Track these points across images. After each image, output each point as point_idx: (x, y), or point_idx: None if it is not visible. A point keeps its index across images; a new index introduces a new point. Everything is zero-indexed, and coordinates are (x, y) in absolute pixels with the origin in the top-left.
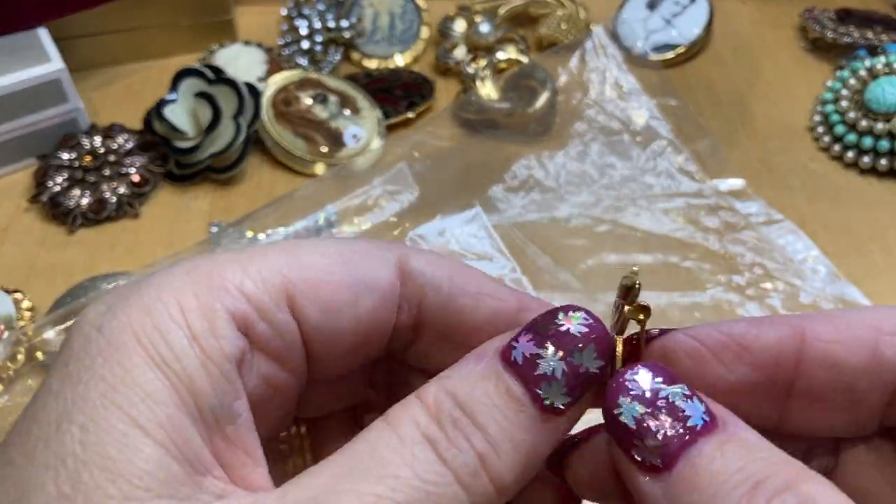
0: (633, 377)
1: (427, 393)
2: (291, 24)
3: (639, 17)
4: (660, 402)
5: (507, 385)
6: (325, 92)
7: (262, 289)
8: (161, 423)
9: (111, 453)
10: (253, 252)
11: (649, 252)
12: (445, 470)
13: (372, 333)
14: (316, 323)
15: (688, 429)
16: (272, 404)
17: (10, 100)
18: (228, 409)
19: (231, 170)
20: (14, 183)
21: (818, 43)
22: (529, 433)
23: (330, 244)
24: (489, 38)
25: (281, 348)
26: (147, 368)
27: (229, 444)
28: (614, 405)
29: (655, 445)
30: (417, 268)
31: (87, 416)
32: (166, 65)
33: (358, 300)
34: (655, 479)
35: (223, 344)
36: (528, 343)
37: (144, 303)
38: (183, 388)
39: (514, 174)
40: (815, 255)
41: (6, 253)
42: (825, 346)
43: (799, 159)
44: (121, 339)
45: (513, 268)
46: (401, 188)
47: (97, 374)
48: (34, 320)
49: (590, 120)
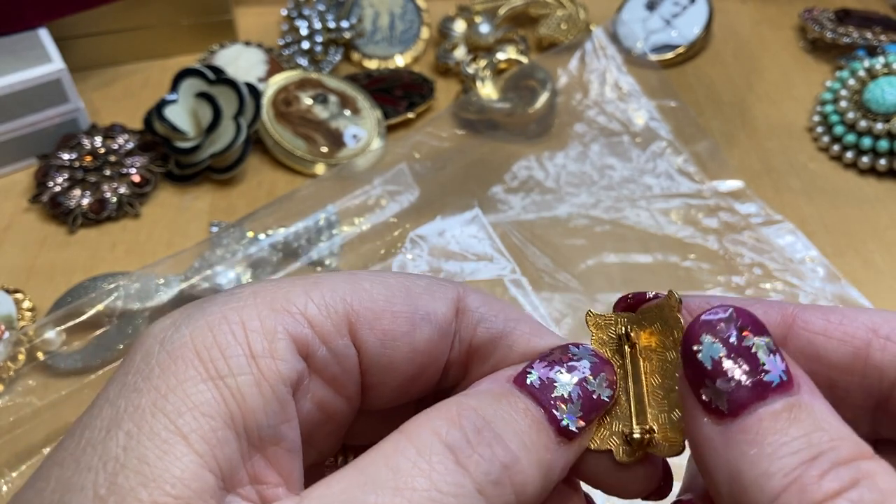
0: (720, 316)
1: (447, 405)
2: (292, 25)
3: (638, 18)
4: (742, 349)
5: (525, 405)
6: (326, 92)
7: (326, 314)
8: (204, 435)
9: (150, 459)
10: (318, 278)
11: (649, 252)
12: (465, 479)
13: (427, 365)
14: (374, 351)
15: (763, 383)
16: (323, 430)
17: (10, 100)
18: (275, 431)
19: (231, 170)
20: (14, 183)
21: (817, 43)
22: (549, 452)
23: (391, 276)
24: (489, 39)
25: (338, 374)
26: (200, 381)
27: (268, 465)
28: (695, 341)
29: (726, 390)
30: (473, 305)
31: (135, 423)
32: (166, 65)
33: (416, 331)
34: (717, 424)
35: (280, 366)
36: (544, 369)
37: (208, 319)
38: (234, 404)
39: (514, 175)
40: (814, 255)
41: (7, 253)
42: (811, 336)
43: (798, 159)
44: (180, 352)
45: (512, 268)
46: (401, 188)
47: (152, 384)
48: (35, 320)
49: (589, 121)
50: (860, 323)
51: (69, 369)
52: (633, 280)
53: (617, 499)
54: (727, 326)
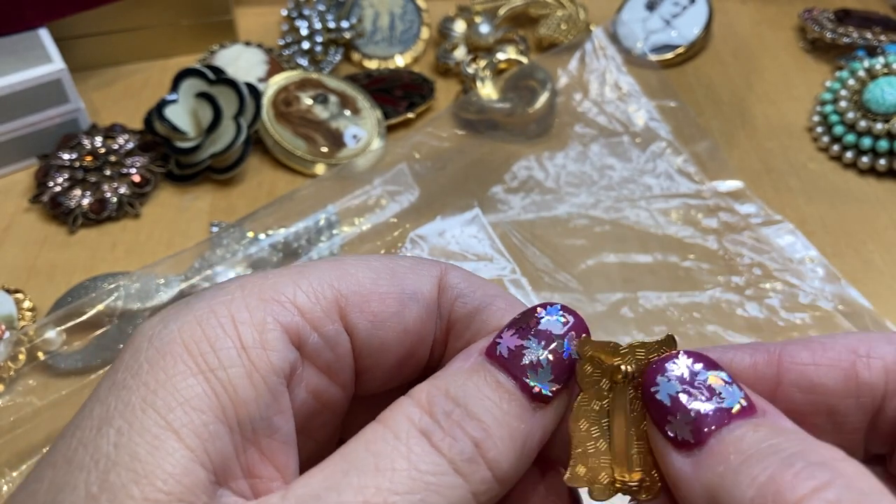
0: (674, 360)
1: (418, 391)
2: (292, 25)
3: (638, 18)
4: (697, 383)
5: (495, 377)
6: (326, 92)
7: (315, 301)
8: (196, 430)
9: (141, 455)
10: (303, 267)
11: (648, 252)
12: (441, 459)
13: (416, 345)
14: (366, 334)
15: (723, 409)
16: (319, 419)
17: (10, 100)
18: (268, 423)
19: (231, 170)
20: (15, 183)
21: (817, 43)
22: (522, 421)
23: (374, 258)
24: (489, 39)
25: (331, 361)
26: (190, 375)
27: (262, 457)
28: (652, 383)
29: (688, 421)
30: (453, 281)
31: (125, 420)
32: (167, 65)
33: (405, 310)
34: (687, 456)
35: (272, 357)
36: (512, 337)
37: (196, 314)
38: (225, 397)
39: (514, 175)
40: (813, 255)
41: (7, 253)
42: (802, 368)
43: (798, 159)
44: (169, 347)
45: (512, 269)
46: (401, 188)
47: (142, 380)
48: (35, 320)
49: (589, 121)
50: (840, 346)
51: (69, 369)
52: (633, 280)
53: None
54: (679, 366)
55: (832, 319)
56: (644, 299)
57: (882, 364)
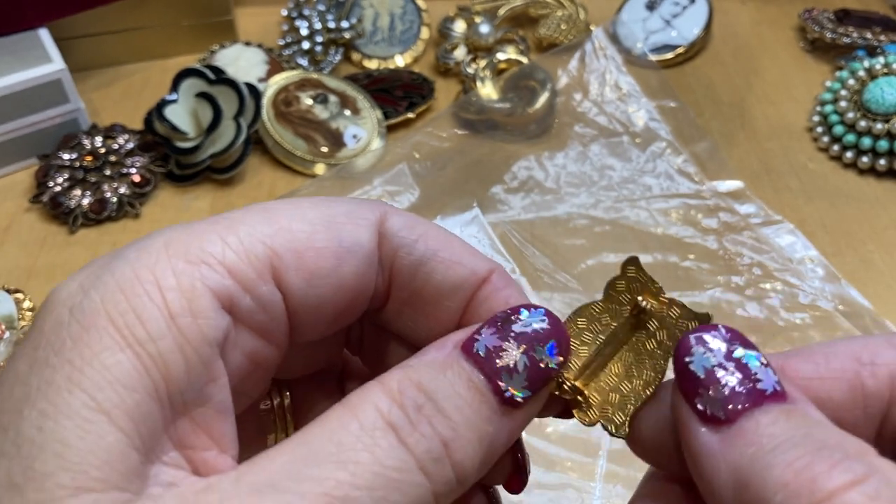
0: (712, 333)
1: (390, 379)
2: (292, 25)
3: (638, 18)
4: (734, 360)
5: (469, 375)
6: (326, 92)
7: (246, 261)
8: (128, 411)
9: (70, 439)
10: (231, 219)
11: (648, 252)
12: (408, 456)
13: (354, 298)
14: (300, 292)
15: (757, 391)
16: (253, 378)
17: (11, 100)
18: (199, 393)
19: (231, 170)
20: (15, 183)
21: (817, 43)
22: (490, 424)
23: (310, 207)
24: (489, 39)
25: (265, 322)
26: (118, 350)
27: (194, 428)
28: (687, 352)
29: (721, 398)
30: (392, 228)
31: (49, 401)
32: (167, 65)
33: (342, 265)
34: (714, 431)
35: (203, 325)
36: (492, 336)
37: (119, 281)
38: (156, 373)
39: (514, 175)
40: (813, 255)
41: (7, 253)
42: (806, 383)
43: (798, 159)
44: (93, 320)
45: (512, 269)
46: (401, 188)
47: (65, 357)
48: None
49: (589, 121)
50: (843, 355)
51: None
52: None
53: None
54: (717, 339)
55: (832, 319)
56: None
57: (888, 371)
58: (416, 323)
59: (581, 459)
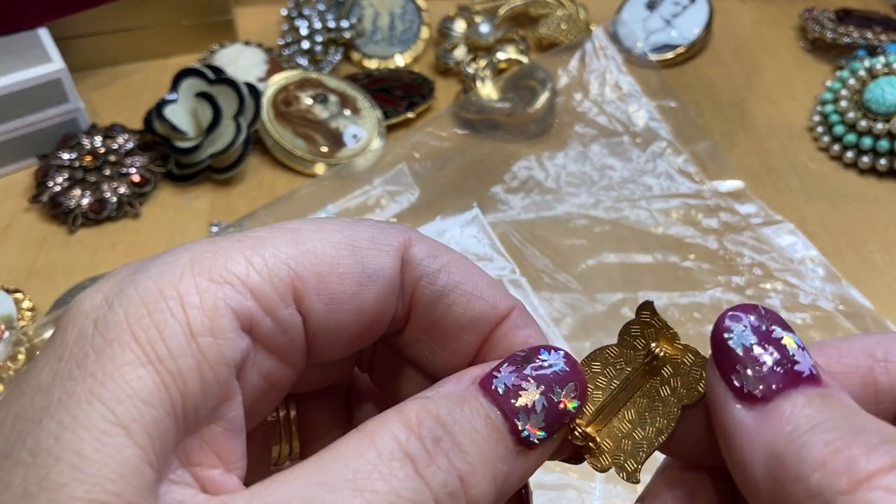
0: (750, 311)
1: (408, 409)
2: (292, 25)
3: (638, 18)
4: (772, 339)
5: (486, 412)
6: (326, 92)
7: (269, 283)
8: (146, 426)
9: (86, 451)
10: (257, 239)
11: (649, 252)
12: (424, 488)
13: (373, 323)
14: (320, 316)
15: (794, 372)
16: (267, 399)
17: (10, 100)
18: (213, 412)
19: (231, 170)
20: (14, 183)
21: (818, 43)
22: (505, 463)
23: (335, 230)
24: (489, 39)
25: (284, 344)
26: (139, 365)
27: (202, 446)
28: (725, 328)
29: (759, 375)
30: (416, 256)
31: (68, 412)
32: (166, 65)
33: (363, 291)
34: (750, 408)
35: (222, 346)
36: (511, 374)
37: (143, 296)
38: (174, 390)
39: (514, 175)
40: (813, 255)
41: (7, 253)
42: None
43: (798, 159)
44: (116, 334)
45: (512, 269)
46: (401, 189)
47: (88, 370)
48: (35, 320)
49: (589, 121)
50: (857, 350)
51: None
52: (633, 280)
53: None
54: (756, 318)
55: (833, 319)
56: (644, 299)
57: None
58: (433, 352)
59: None
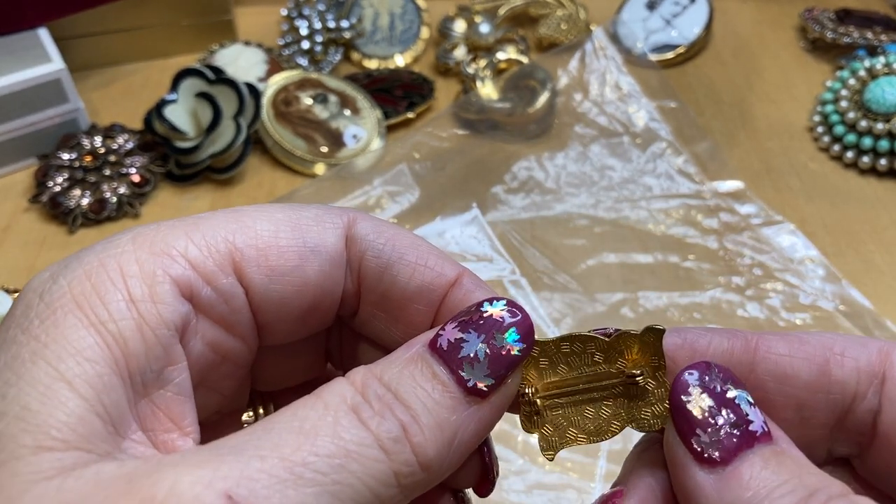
0: (705, 372)
1: (355, 373)
2: (292, 25)
3: (638, 18)
4: (727, 401)
5: (432, 368)
6: (326, 92)
7: (207, 254)
8: (89, 380)
9: (32, 405)
10: (198, 219)
11: (649, 253)
12: (367, 433)
13: (320, 298)
14: (262, 287)
15: (749, 432)
16: (220, 371)
17: (10, 100)
18: (159, 375)
19: (231, 170)
20: (14, 183)
21: (818, 43)
22: (454, 414)
23: (277, 209)
24: (489, 39)
25: (226, 313)
26: (81, 327)
27: (154, 410)
28: (684, 392)
29: (718, 439)
30: (360, 232)
31: (13, 372)
32: (166, 65)
33: (304, 264)
34: (709, 472)
35: (161, 309)
36: (454, 330)
37: (85, 269)
38: (116, 349)
39: (514, 175)
40: (814, 255)
41: (6, 253)
42: (777, 358)
43: (798, 159)
44: (59, 302)
45: (512, 269)
46: (401, 189)
47: (32, 334)
48: None
49: (589, 121)
50: (816, 343)
51: None
52: (633, 281)
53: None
54: (711, 379)
55: (833, 319)
56: (644, 299)
57: (855, 365)
58: (390, 327)
59: (581, 460)
